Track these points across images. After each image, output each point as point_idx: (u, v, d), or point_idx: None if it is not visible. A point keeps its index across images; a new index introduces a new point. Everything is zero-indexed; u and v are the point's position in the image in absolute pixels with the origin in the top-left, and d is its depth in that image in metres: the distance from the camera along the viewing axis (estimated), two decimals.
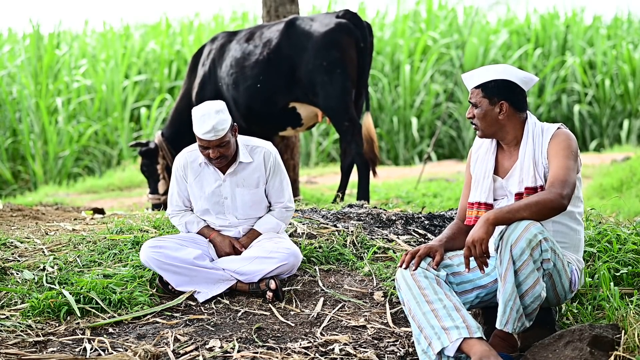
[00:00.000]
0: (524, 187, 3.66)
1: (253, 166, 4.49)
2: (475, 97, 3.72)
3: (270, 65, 7.01)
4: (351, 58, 6.92)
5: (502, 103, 3.70)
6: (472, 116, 3.74)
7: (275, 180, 4.53)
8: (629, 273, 4.27)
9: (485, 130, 3.75)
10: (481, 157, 3.85)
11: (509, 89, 3.70)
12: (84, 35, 18.48)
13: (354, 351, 3.78)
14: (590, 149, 16.20)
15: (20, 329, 3.92)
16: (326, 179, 11.94)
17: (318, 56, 6.85)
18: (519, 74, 3.73)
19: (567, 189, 3.51)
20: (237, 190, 4.50)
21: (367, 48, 7.00)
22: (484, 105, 3.71)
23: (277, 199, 4.57)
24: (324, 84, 6.84)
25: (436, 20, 18.52)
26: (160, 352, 3.70)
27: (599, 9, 30.20)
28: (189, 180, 4.52)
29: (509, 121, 3.73)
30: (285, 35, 7.00)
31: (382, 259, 4.78)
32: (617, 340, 3.40)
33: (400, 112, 16.59)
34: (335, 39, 6.88)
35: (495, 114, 3.71)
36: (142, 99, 16.66)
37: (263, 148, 4.52)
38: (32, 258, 4.75)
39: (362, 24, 7.01)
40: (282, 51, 6.99)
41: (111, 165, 15.41)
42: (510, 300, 3.43)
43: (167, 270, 4.31)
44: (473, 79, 3.74)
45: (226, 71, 7.23)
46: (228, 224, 4.57)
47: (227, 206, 4.52)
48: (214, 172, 4.49)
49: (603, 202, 8.19)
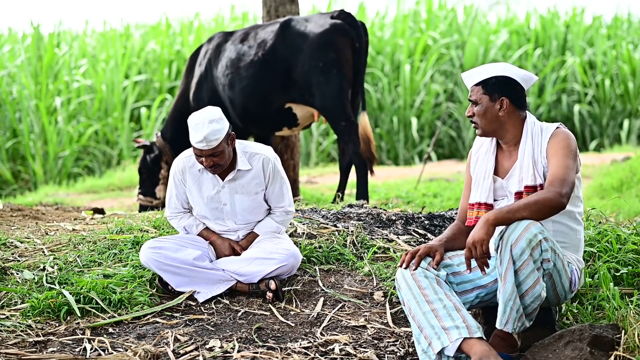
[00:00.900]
0: (524, 185, 3.66)
1: (252, 173, 4.46)
2: (476, 94, 3.72)
3: (266, 66, 7.03)
4: (347, 58, 6.94)
5: (503, 99, 3.70)
6: (472, 114, 3.74)
7: (275, 186, 4.51)
8: (629, 273, 4.27)
9: (485, 127, 3.74)
10: (481, 157, 3.85)
11: (510, 86, 3.70)
12: (84, 35, 18.48)
13: (354, 351, 3.78)
14: (590, 149, 16.20)
15: (20, 329, 3.92)
16: (326, 179, 11.94)
17: (314, 57, 6.87)
18: (519, 72, 3.73)
19: (566, 188, 3.51)
20: (236, 197, 4.48)
21: (362, 48, 7.02)
22: (485, 101, 3.71)
23: (277, 204, 4.56)
24: (320, 84, 6.85)
25: (436, 20, 18.52)
26: (160, 352, 3.69)
27: (599, 9, 30.21)
28: (188, 184, 4.50)
29: (509, 119, 3.72)
30: (281, 36, 7.01)
31: (382, 259, 4.78)
32: (617, 340, 3.40)
33: (400, 112, 16.59)
34: (331, 40, 6.91)
35: (495, 111, 3.71)
36: (142, 99, 16.65)
37: (262, 155, 4.47)
38: (32, 258, 4.75)
39: (357, 24, 7.04)
40: (278, 52, 7.00)
41: (111, 165, 15.41)
42: (510, 300, 3.43)
43: (166, 271, 4.31)
44: (473, 77, 3.74)
45: (222, 71, 7.25)
46: (227, 229, 4.57)
47: (226, 212, 4.51)
48: (213, 179, 4.47)
49: (603, 202, 8.19)
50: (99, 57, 17.06)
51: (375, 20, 18.45)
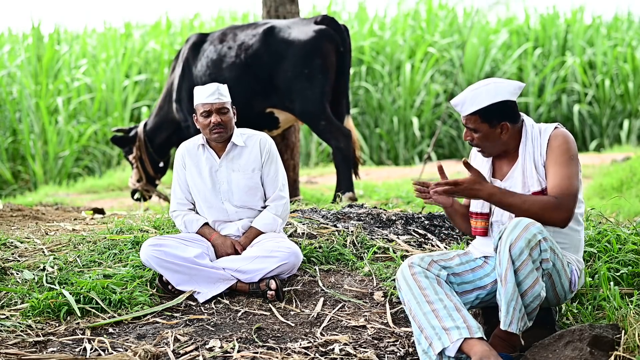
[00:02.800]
0: (531, 192, 3.64)
1: (248, 151, 4.61)
2: (473, 123, 3.64)
3: (248, 71, 7.11)
4: (332, 63, 7.06)
5: (503, 124, 3.65)
6: (472, 139, 3.68)
7: (271, 168, 4.62)
8: (629, 273, 4.27)
9: (490, 150, 3.71)
10: (479, 161, 3.85)
11: (506, 109, 3.63)
12: (84, 35, 18.47)
13: (354, 351, 3.78)
14: (590, 149, 16.20)
15: (20, 329, 3.92)
16: (326, 179, 11.94)
17: (299, 64, 6.96)
18: (508, 87, 3.63)
19: (572, 204, 3.52)
20: (233, 175, 4.58)
21: (346, 52, 7.13)
22: (484, 129, 3.65)
23: (271, 190, 4.62)
24: (303, 90, 6.96)
25: (436, 20, 18.52)
26: (160, 352, 3.70)
27: (599, 9, 30.20)
28: (188, 167, 4.62)
29: (510, 136, 3.70)
30: (264, 42, 7.07)
31: (382, 259, 4.78)
32: (617, 340, 3.40)
33: (400, 112, 16.59)
34: (317, 46, 7.00)
35: (497, 135, 3.67)
36: (142, 98, 16.65)
37: (259, 136, 4.68)
38: (32, 258, 4.76)
39: (341, 28, 7.15)
40: (261, 59, 7.08)
41: (111, 165, 15.41)
42: (512, 300, 3.43)
43: (167, 269, 4.32)
44: (465, 106, 3.63)
45: (202, 71, 7.33)
46: (227, 217, 4.59)
47: (223, 192, 4.58)
48: (210, 158, 4.60)
49: (603, 202, 8.19)
50: (99, 56, 17.06)
51: (375, 20, 18.45)
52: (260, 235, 4.57)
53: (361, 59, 17.05)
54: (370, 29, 17.81)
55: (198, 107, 4.56)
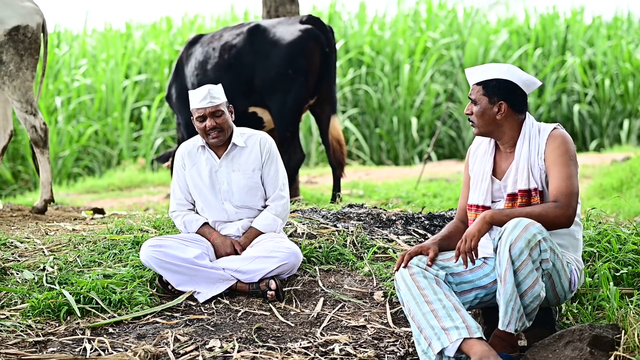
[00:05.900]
0: (518, 189, 3.66)
1: (248, 151, 4.59)
2: (476, 94, 3.72)
3: (231, 71, 7.13)
4: (315, 65, 7.06)
5: (501, 103, 3.69)
6: (471, 112, 3.74)
7: (271, 168, 4.60)
8: (629, 273, 4.27)
9: (481, 128, 3.75)
10: (479, 158, 3.85)
11: (510, 90, 3.69)
12: (84, 35, 18.47)
13: (354, 351, 3.78)
14: (590, 149, 16.20)
15: (20, 329, 3.92)
16: (326, 179, 11.93)
17: (284, 64, 6.96)
18: (522, 75, 3.71)
19: (574, 203, 3.54)
20: (233, 175, 4.56)
21: (332, 52, 7.13)
22: (483, 103, 3.71)
23: (273, 188, 4.62)
24: (284, 91, 6.96)
25: (436, 20, 18.52)
26: (160, 352, 3.70)
27: (599, 9, 30.20)
28: (187, 168, 4.61)
29: (506, 121, 3.72)
30: (248, 42, 7.07)
31: (382, 259, 4.78)
32: (617, 340, 3.40)
33: (400, 112, 16.59)
34: (302, 47, 7.01)
35: (493, 113, 3.71)
36: (142, 98, 16.65)
37: (259, 135, 4.66)
38: (32, 258, 4.76)
39: (326, 28, 7.15)
40: (244, 58, 7.09)
41: (111, 165, 15.41)
42: (511, 300, 3.43)
43: (167, 269, 4.32)
44: (476, 75, 3.73)
45: (191, 72, 7.39)
46: (227, 217, 4.58)
47: (223, 192, 4.56)
48: (210, 158, 4.59)
49: (603, 202, 8.19)
50: (99, 57, 17.06)
51: (375, 21, 18.45)
52: (260, 235, 4.57)
53: (361, 60, 17.05)
54: (370, 29, 17.81)
55: (193, 112, 4.54)
